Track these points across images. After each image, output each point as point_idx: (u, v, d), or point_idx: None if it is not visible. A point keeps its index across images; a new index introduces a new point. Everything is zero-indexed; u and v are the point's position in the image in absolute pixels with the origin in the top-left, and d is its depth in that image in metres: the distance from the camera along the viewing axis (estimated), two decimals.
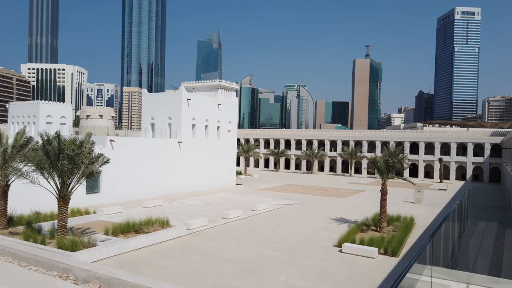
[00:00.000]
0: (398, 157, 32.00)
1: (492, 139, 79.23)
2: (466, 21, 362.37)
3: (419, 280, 5.58)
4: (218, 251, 22.67)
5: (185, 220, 29.68)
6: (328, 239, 26.08)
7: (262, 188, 56.43)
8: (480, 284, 5.87)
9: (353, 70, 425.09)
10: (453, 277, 6.06)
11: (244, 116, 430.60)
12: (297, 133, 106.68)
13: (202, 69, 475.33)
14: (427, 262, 5.84)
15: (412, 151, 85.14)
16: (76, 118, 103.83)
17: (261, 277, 18.42)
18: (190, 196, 45.09)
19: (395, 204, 41.59)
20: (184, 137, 49.07)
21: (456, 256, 19.88)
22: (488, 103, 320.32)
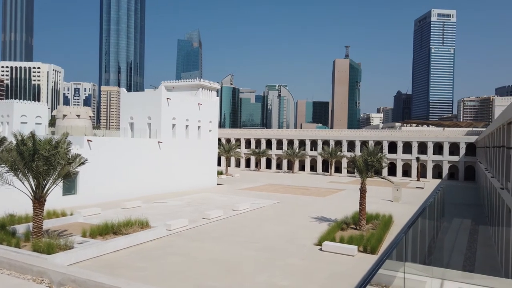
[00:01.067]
0: (376, 156, 32.53)
1: (467, 138, 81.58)
2: (442, 23, 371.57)
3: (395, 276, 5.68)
4: (199, 252, 22.52)
5: (165, 221, 29.35)
6: (308, 238, 26.28)
7: (244, 188, 56.40)
8: (454, 280, 6.02)
9: (333, 70, 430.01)
10: (428, 273, 6.20)
11: (225, 116, 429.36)
12: (278, 132, 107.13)
13: (182, 68, 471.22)
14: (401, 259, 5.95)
15: (390, 150, 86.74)
16: (52, 118, 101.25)
17: (242, 277, 18.40)
18: (171, 197, 44.64)
19: (374, 203, 42.27)
20: (164, 137, 48.53)
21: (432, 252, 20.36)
22: (463, 103, 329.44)
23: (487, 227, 33.84)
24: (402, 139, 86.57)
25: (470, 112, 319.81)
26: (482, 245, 27.73)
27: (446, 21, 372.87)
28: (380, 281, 5.72)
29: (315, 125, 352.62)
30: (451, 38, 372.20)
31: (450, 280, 5.98)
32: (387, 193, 51.34)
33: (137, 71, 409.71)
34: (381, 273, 5.79)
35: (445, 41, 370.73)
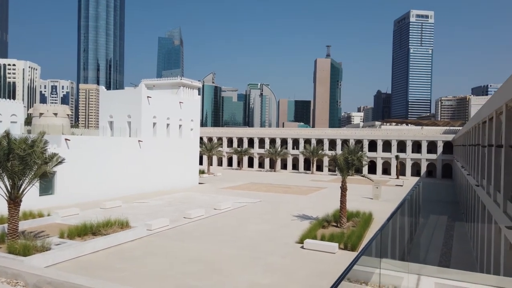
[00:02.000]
0: (357, 154, 32.97)
1: (444, 137, 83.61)
2: (421, 23, 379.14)
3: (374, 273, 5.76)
4: (180, 252, 22.34)
5: (146, 220, 29.01)
6: (290, 236, 26.42)
7: (225, 186, 56.26)
8: (430, 275, 6.14)
9: (315, 69, 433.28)
10: (405, 269, 6.31)
11: (207, 115, 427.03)
12: (260, 131, 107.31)
13: (163, 66, 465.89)
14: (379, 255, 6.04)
15: (370, 148, 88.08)
16: (28, 116, 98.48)
17: (224, 276, 18.34)
18: (151, 196, 44.13)
19: (355, 200, 42.83)
20: (144, 136, 47.91)
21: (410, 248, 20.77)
22: (441, 102, 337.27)
23: (463, 223, 34.78)
24: (382, 137, 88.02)
25: (447, 111, 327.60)
26: (458, 241, 28.48)
27: (424, 22, 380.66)
28: (359, 278, 5.78)
29: (297, 124, 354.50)
30: (429, 38, 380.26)
31: (426, 275, 6.10)
32: (368, 191, 52.11)
33: (116, 68, 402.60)
34: (359, 269, 5.85)
35: (424, 41, 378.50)
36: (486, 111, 20.83)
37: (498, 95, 16.21)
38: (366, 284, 5.87)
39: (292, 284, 17.59)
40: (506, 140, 14.13)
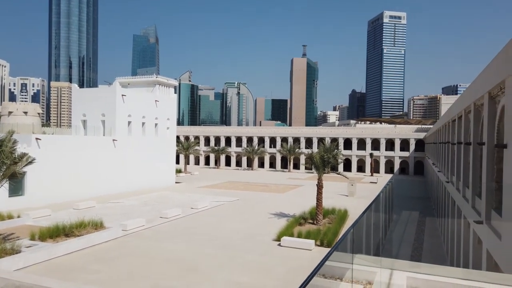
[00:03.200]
0: (333, 152, 33.45)
1: (416, 135, 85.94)
2: (394, 24, 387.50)
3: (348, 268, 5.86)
4: (157, 252, 22.06)
5: (121, 221, 28.48)
6: (267, 234, 26.54)
7: (203, 185, 55.92)
8: (402, 269, 6.31)
9: (291, 69, 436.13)
10: (378, 264, 6.46)
11: (184, 113, 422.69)
12: (238, 130, 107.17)
13: (138, 64, 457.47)
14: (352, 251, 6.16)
15: (346, 146, 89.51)
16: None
17: (201, 276, 18.24)
18: (127, 196, 43.35)
19: (331, 198, 43.42)
20: (119, 135, 46.98)
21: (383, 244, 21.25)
22: (413, 101, 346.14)
23: (434, 219, 35.89)
24: (357, 136, 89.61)
25: (419, 110, 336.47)
26: (429, 236, 29.37)
27: (397, 22, 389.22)
28: (334, 274, 5.87)
29: (274, 123, 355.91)
30: (401, 39, 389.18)
31: (398, 270, 6.26)
32: (343, 188, 52.94)
33: (90, 66, 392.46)
34: (334, 265, 5.95)
35: (396, 42, 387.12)
36: (456, 110, 21.55)
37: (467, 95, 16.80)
38: (341, 279, 5.97)
39: (269, 281, 17.69)
40: (474, 138, 14.66)
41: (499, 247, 9.13)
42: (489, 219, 11.07)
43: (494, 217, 10.60)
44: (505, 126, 8.82)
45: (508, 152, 8.33)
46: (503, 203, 8.89)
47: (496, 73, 9.63)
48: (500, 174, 10.49)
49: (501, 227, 9.19)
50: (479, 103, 13.65)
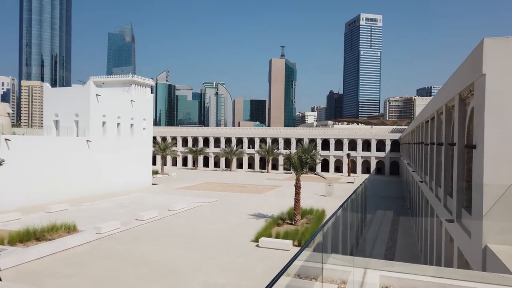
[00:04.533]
0: (310, 153, 33.77)
1: (392, 135, 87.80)
2: (370, 27, 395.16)
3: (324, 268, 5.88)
4: (132, 255, 21.64)
5: (95, 224, 27.78)
6: (246, 235, 26.48)
7: (180, 187, 55.32)
8: (375, 268, 6.39)
9: (270, 69, 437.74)
10: (352, 263, 6.53)
11: (161, 113, 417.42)
12: (216, 130, 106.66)
13: (113, 64, 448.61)
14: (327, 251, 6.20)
15: (323, 147, 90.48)
16: None
17: (178, 278, 18.00)
18: (101, 198, 42.38)
19: (309, 198, 43.78)
20: (93, 135, 45.90)
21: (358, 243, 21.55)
22: (389, 103, 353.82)
23: (408, 218, 36.72)
24: (334, 136, 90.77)
25: (395, 111, 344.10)
26: (404, 235, 30.01)
27: (373, 25, 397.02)
28: (309, 274, 5.87)
29: (252, 123, 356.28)
30: (378, 41, 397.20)
31: (372, 269, 6.33)
32: (321, 188, 53.47)
33: (63, 65, 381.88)
34: (310, 265, 5.96)
35: (373, 44, 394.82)
36: (428, 111, 22.10)
37: (439, 97, 17.25)
38: (315, 279, 5.98)
39: (247, 282, 17.64)
40: (445, 139, 15.05)
41: (469, 245, 9.39)
42: (460, 217, 11.38)
43: (465, 216, 10.90)
44: (474, 128, 9.09)
45: (477, 152, 8.58)
46: (472, 202, 9.15)
47: (466, 76, 9.91)
48: (470, 174, 10.80)
49: (471, 226, 9.46)
50: (450, 105, 14.03)
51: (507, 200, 7.47)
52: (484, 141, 7.85)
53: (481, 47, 7.93)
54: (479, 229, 8.12)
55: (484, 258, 7.78)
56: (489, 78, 7.79)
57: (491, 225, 7.73)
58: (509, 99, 7.65)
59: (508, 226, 7.52)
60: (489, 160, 7.78)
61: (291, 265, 4.45)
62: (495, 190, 7.61)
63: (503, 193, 7.49)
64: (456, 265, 11.65)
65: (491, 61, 7.78)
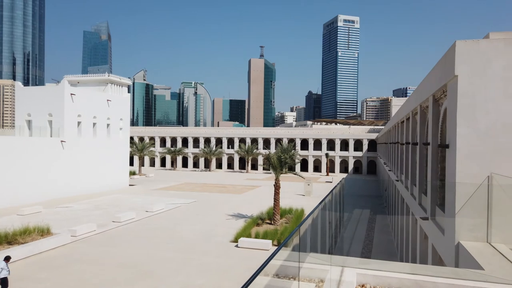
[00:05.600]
0: (290, 153, 34.01)
1: (369, 135, 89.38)
2: (348, 28, 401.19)
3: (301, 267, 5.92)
4: (109, 257, 21.20)
5: (70, 226, 27.14)
6: (225, 235, 26.39)
7: (158, 187, 54.63)
8: (352, 266, 6.47)
9: (249, 69, 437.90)
10: (329, 262, 6.60)
11: (138, 113, 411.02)
12: (195, 131, 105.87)
13: (89, 62, 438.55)
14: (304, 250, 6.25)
15: (302, 147, 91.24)
16: None
17: (156, 280, 17.76)
18: (77, 200, 41.38)
19: (288, 198, 44.05)
20: (68, 136, 44.74)
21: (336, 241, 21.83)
22: (366, 103, 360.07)
23: (385, 216, 37.46)
24: (313, 136, 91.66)
25: (372, 111, 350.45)
26: (380, 233, 30.59)
27: (351, 26, 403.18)
28: (288, 273, 5.90)
29: (232, 123, 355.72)
30: (355, 42, 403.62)
31: (349, 267, 6.41)
32: (300, 188, 53.89)
33: (36, 63, 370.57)
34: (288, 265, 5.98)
35: (350, 45, 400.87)
36: (404, 111, 22.59)
37: (413, 97, 17.65)
38: (294, 279, 6.01)
39: (226, 283, 17.57)
40: (420, 138, 15.43)
41: (442, 242, 9.65)
42: (434, 215, 11.68)
43: (438, 214, 11.20)
44: (447, 127, 9.34)
45: (449, 152, 8.82)
46: (446, 200, 9.41)
47: (439, 77, 10.18)
48: (444, 173, 11.10)
49: (444, 223, 9.72)
50: (425, 105, 14.38)
51: (478, 198, 7.71)
52: (457, 141, 8.08)
53: (453, 49, 8.16)
54: (452, 226, 8.35)
55: (456, 254, 8.00)
56: (461, 79, 8.02)
57: (463, 223, 7.96)
58: (480, 100, 7.90)
59: (480, 223, 7.76)
60: (461, 159, 8.02)
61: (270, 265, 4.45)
62: (467, 188, 7.84)
63: (474, 191, 7.73)
64: (430, 262, 11.95)
65: (463, 63, 8.02)
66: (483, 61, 7.88)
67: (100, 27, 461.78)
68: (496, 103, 7.79)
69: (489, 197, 7.63)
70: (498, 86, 7.80)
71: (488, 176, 7.72)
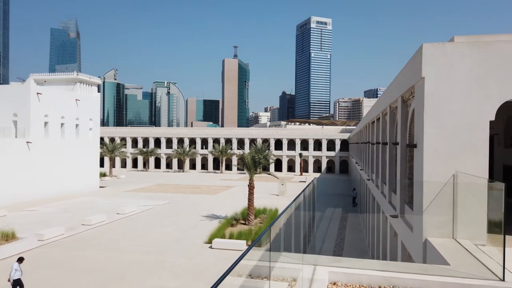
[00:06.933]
0: (264, 153, 34.08)
1: (341, 135, 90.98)
2: (320, 30, 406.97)
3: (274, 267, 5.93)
4: (78, 262, 20.56)
5: (37, 230, 26.14)
6: (199, 237, 26.16)
7: (130, 189, 53.51)
8: (324, 265, 6.55)
9: (223, 69, 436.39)
10: (302, 260, 6.65)
11: (109, 113, 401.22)
12: (167, 131, 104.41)
13: (57, 61, 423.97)
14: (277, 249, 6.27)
15: (276, 147, 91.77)
16: None
17: (127, 284, 17.37)
18: (44, 203, 39.94)
19: (262, 198, 44.17)
20: (34, 137, 43.11)
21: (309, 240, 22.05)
22: (338, 104, 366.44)
23: (357, 214, 38.21)
24: (287, 136, 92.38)
25: (344, 112, 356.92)
26: (352, 231, 31.18)
27: (323, 28, 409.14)
28: (261, 273, 5.89)
29: (206, 124, 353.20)
30: (328, 44, 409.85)
31: (321, 265, 6.48)
32: (274, 188, 54.16)
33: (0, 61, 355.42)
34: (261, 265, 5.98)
35: (323, 46, 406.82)
36: (374, 112, 23.12)
37: (383, 98, 18.09)
38: (267, 279, 6.01)
39: (199, 285, 17.42)
40: (390, 138, 15.83)
41: (411, 238, 9.93)
42: (403, 213, 12.01)
43: (407, 211, 11.52)
44: (415, 128, 9.62)
45: (417, 151, 9.09)
46: (414, 198, 9.69)
47: (407, 78, 10.47)
48: (412, 172, 11.43)
49: (413, 220, 10.01)
50: (394, 106, 14.76)
51: (444, 196, 7.98)
52: (424, 141, 8.33)
53: (421, 52, 8.41)
54: (420, 223, 8.61)
55: (424, 250, 8.25)
56: (428, 81, 8.27)
57: (431, 220, 8.22)
58: (446, 101, 8.17)
59: (446, 220, 8.03)
60: (428, 158, 8.27)
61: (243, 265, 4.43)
62: (434, 186, 8.10)
63: (440, 189, 7.99)
64: (400, 258, 12.27)
65: (430, 65, 8.28)
66: (448, 63, 8.17)
67: (68, 24, 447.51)
68: (460, 104, 8.09)
69: (454, 194, 7.91)
70: (462, 87, 8.10)
71: (454, 174, 8.01)
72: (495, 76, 7.94)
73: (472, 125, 8.00)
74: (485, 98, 7.96)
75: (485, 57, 8.00)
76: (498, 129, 17.08)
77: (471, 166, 7.92)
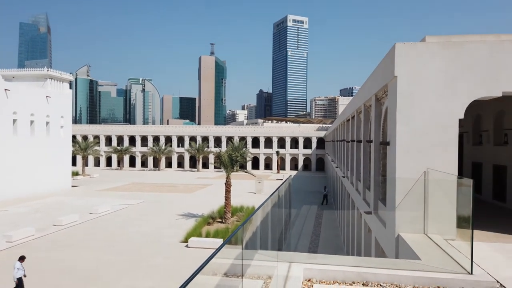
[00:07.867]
0: (241, 151, 34.06)
1: (318, 133, 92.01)
2: (297, 28, 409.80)
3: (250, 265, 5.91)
4: (48, 263, 19.95)
5: (5, 231, 25.20)
6: (175, 236, 25.89)
7: (104, 188, 52.35)
8: (299, 261, 6.59)
9: (199, 66, 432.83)
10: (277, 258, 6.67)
11: (82, 111, 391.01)
12: (143, 129, 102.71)
13: (26, 56, 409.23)
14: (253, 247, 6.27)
15: (254, 145, 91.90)
16: None
17: (100, 285, 16.99)
18: (13, 204, 38.53)
19: (239, 196, 44.12)
20: (2, 135, 41.47)
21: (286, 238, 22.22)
22: (315, 102, 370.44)
23: (332, 211, 38.76)
24: (264, 134, 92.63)
25: (320, 110, 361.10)
26: (327, 228, 31.62)
27: (300, 27, 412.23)
28: (236, 272, 5.87)
29: (182, 121, 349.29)
30: (304, 42, 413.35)
31: (296, 262, 6.52)
32: (251, 185, 54.22)
33: None
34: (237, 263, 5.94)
35: (300, 45, 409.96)
36: (349, 110, 23.47)
37: (358, 97, 18.38)
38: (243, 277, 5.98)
39: (174, 284, 17.21)
40: (364, 136, 16.10)
41: (384, 234, 10.14)
42: (377, 209, 12.25)
43: (381, 208, 11.75)
44: (388, 126, 9.81)
45: (390, 149, 9.27)
46: (387, 195, 9.89)
47: (381, 77, 10.67)
48: (385, 169, 11.66)
49: (386, 216, 10.22)
50: (368, 105, 15.02)
51: (416, 192, 8.18)
52: (396, 138, 8.50)
53: (393, 51, 8.57)
54: (392, 219, 8.79)
55: (397, 246, 8.44)
56: (400, 80, 8.44)
57: (403, 216, 8.41)
58: (418, 100, 8.37)
59: (417, 216, 8.23)
60: (400, 155, 8.45)
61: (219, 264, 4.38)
62: (406, 183, 8.28)
63: (412, 186, 8.19)
64: (373, 254, 12.52)
65: (402, 64, 8.45)
66: (420, 63, 8.36)
67: (38, 18, 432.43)
68: (431, 103, 8.30)
69: (425, 191, 8.12)
70: (432, 86, 8.31)
71: (425, 171, 8.21)
72: (465, 75, 8.18)
73: (442, 123, 8.22)
74: (454, 97, 8.20)
75: (455, 57, 8.23)
76: (467, 127, 17.66)
77: (442, 163, 8.14)
